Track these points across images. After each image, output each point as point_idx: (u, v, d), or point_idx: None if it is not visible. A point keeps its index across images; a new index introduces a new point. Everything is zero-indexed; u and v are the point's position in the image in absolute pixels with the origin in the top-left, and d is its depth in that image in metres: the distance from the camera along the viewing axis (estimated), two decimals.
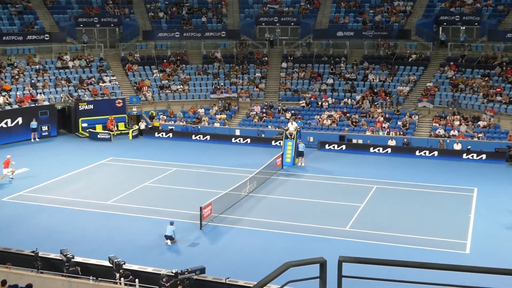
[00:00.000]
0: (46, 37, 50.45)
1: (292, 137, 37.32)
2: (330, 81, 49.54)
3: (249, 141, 42.90)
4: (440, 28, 52.54)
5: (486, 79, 45.47)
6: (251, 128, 44.86)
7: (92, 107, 45.48)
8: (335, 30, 53.42)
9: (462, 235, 25.00)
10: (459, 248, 23.63)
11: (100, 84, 48.66)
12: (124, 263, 18.91)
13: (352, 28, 53.50)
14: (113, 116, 45.35)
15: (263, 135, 43.55)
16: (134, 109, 47.62)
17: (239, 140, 43.22)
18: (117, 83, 49.60)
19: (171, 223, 24.25)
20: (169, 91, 49.78)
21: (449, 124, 42.43)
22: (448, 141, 40.20)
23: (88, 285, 17.47)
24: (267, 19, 56.08)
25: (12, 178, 32.80)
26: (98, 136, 43.76)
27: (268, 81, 51.43)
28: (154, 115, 47.29)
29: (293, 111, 46.33)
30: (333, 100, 47.48)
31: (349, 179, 33.69)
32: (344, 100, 47.23)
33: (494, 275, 4.44)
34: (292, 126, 38.37)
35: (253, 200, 29.97)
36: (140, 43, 54.36)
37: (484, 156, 38.10)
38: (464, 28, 51.65)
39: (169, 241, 23.89)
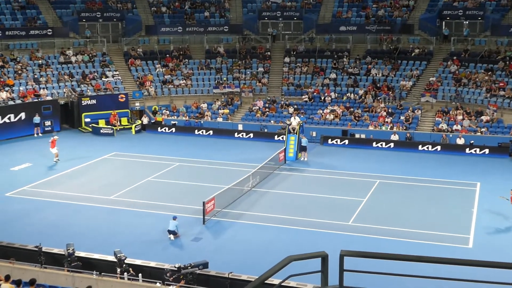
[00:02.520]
0: (49, 32, 50.48)
1: (295, 131, 37.32)
2: (333, 75, 49.49)
3: (252, 136, 42.91)
4: (443, 22, 52.40)
5: (489, 73, 45.38)
6: (254, 123, 44.85)
7: (95, 102, 45.54)
8: (338, 24, 53.32)
9: (465, 230, 25.00)
10: (462, 243, 23.64)
11: (103, 79, 48.70)
12: (125, 258, 18.96)
13: (355, 22, 53.40)
14: (116, 111, 45.40)
15: (266, 130, 43.54)
16: (137, 104, 47.67)
17: (242, 135, 43.23)
18: (120, 78, 49.64)
19: (174, 218, 24.29)
20: (172, 86, 49.79)
21: (452, 119, 42.38)
22: (451, 135, 40.16)
23: (91, 280, 17.52)
24: (269, 14, 56.00)
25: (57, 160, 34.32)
26: (101, 131, 43.80)
27: (271, 75, 51.39)
28: (157, 110, 47.30)
29: (295, 106, 46.30)
30: (336, 94, 47.44)
31: (352, 174, 33.69)
32: (347, 94, 47.19)
33: (496, 269, 4.46)
34: (295, 121, 38.36)
35: (256, 194, 30.00)
36: (142, 38, 54.36)
37: (487, 150, 38.06)
38: (467, 22, 51.52)
39: (172, 236, 23.93)
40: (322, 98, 47.21)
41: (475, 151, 38.27)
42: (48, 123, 43.80)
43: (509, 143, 38.07)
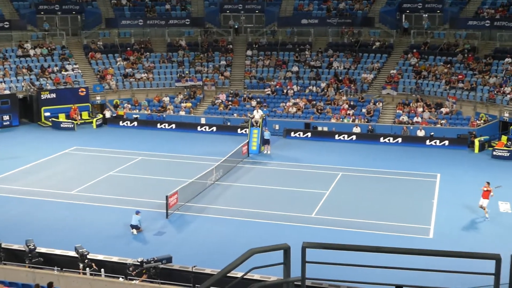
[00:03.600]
0: (6, 24, 49.39)
1: (258, 125, 37.37)
2: (295, 68, 49.66)
3: (214, 129, 42.81)
4: (403, 15, 53.05)
5: (448, 66, 46.13)
6: (217, 116, 44.75)
7: (54, 96, 44.82)
8: (299, 17, 53.48)
9: (425, 220, 25.40)
10: (423, 233, 24.00)
11: (62, 72, 47.93)
12: (88, 253, 18.74)
13: (317, 15, 53.64)
14: (77, 105, 44.75)
15: (228, 123, 43.49)
16: (98, 98, 47.07)
17: (205, 128, 43.10)
18: (80, 71, 48.92)
19: (137, 212, 24.10)
20: (133, 79, 49.29)
21: (412, 111, 42.97)
22: (411, 127, 40.73)
23: (52, 276, 17.27)
24: (231, 7, 55.85)
25: None
26: (61, 125, 43.14)
27: (233, 69, 51.30)
28: (118, 103, 46.80)
29: (258, 99, 46.34)
30: (298, 87, 47.64)
31: (315, 166, 33.90)
32: (309, 87, 47.43)
33: (456, 259, 4.53)
34: (257, 114, 38.41)
35: (219, 188, 29.96)
36: (103, 31, 53.64)
37: (446, 142, 38.72)
38: (426, 15, 52.24)
39: (135, 231, 23.74)
40: (285, 91, 47.35)
41: (435, 142, 38.90)
42: (6, 117, 42.97)
43: (468, 134, 38.79)
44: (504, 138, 37.82)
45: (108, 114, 45.32)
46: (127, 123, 44.25)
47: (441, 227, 24.62)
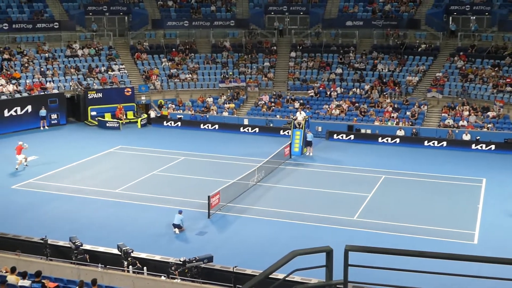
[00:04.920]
0: (56, 25, 50.55)
1: (301, 126, 37.30)
2: (339, 70, 49.40)
3: (257, 131, 42.90)
4: (450, 17, 52.20)
5: (496, 69, 45.22)
6: (260, 118, 44.84)
7: (101, 96, 45.63)
8: (344, 19, 53.20)
9: (470, 226, 24.97)
10: (467, 239, 23.60)
11: (109, 72, 48.76)
12: (132, 251, 19.02)
13: (362, 17, 53.27)
14: (122, 104, 45.48)
15: (271, 125, 43.53)
16: (143, 98, 47.70)
17: (248, 129, 43.23)
18: (126, 71, 49.69)
19: (180, 212, 24.35)
20: (178, 80, 49.80)
21: (458, 115, 42.27)
22: (457, 131, 40.07)
23: (96, 273, 17.59)
24: (276, 8, 55.90)
25: (26, 165, 33.04)
26: (107, 124, 43.87)
27: (277, 70, 51.33)
28: (162, 104, 47.35)
29: (301, 101, 46.26)
30: (342, 89, 47.37)
31: (357, 169, 33.65)
32: (353, 90, 47.11)
33: (500, 265, 4.47)
34: (300, 116, 38.33)
35: (261, 189, 30.02)
36: (149, 32, 54.36)
37: (493, 146, 37.95)
38: (474, 18, 51.30)
39: (177, 230, 24.00)
40: (328, 93, 47.15)
41: (481, 147, 38.17)
42: (54, 116, 43.94)
43: None
44: None
45: (152, 114, 45.91)
46: (171, 123, 44.73)
47: (486, 233, 24.16)
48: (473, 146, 38.36)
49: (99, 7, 53.75)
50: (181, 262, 18.50)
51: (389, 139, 40.11)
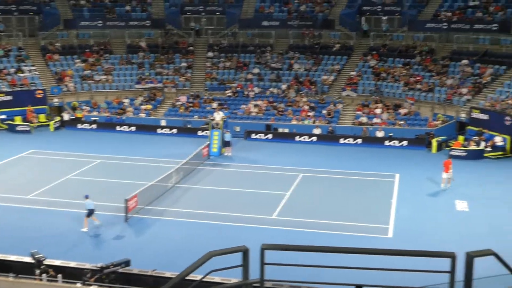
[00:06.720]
0: None
1: (219, 126, 37.28)
2: (256, 70, 49.73)
3: (175, 132, 42.55)
4: (363, 18, 53.61)
5: (407, 67, 46.83)
6: (177, 119, 44.50)
7: (10, 98, 43.95)
8: (260, 19, 53.61)
9: (384, 220, 25.65)
10: (382, 233, 24.21)
11: (19, 74, 46.98)
12: (44, 259, 18.34)
13: (278, 18, 53.85)
14: (33, 107, 43.93)
15: (189, 125, 43.27)
16: (56, 100, 46.27)
17: (165, 130, 42.80)
18: (37, 73, 48.06)
19: (87, 197, 23.97)
20: (92, 81, 48.66)
21: (371, 112, 43.46)
22: (371, 128, 41.19)
23: (7, 282, 16.83)
24: (192, 8, 55.66)
25: None
26: (17, 128, 42.33)
27: (194, 70, 51.11)
28: (76, 106, 46.11)
29: (219, 101, 46.25)
30: (259, 89, 47.72)
31: (276, 168, 33.96)
32: (270, 89, 47.55)
33: (415, 257, 4.55)
34: (218, 116, 38.32)
35: (179, 190, 29.76)
36: (61, 32, 52.82)
37: (405, 142, 39.25)
38: (385, 18, 52.90)
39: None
40: (246, 93, 47.38)
41: (394, 143, 39.41)
42: None
43: (425, 135, 39.40)
44: (460, 138, 38.60)
45: (66, 116, 44.60)
46: (85, 126, 43.63)
47: (400, 227, 24.88)
48: (387, 143, 39.54)
49: (7, 6, 51.76)
50: (98, 268, 18.00)
51: (306, 137, 40.72)
